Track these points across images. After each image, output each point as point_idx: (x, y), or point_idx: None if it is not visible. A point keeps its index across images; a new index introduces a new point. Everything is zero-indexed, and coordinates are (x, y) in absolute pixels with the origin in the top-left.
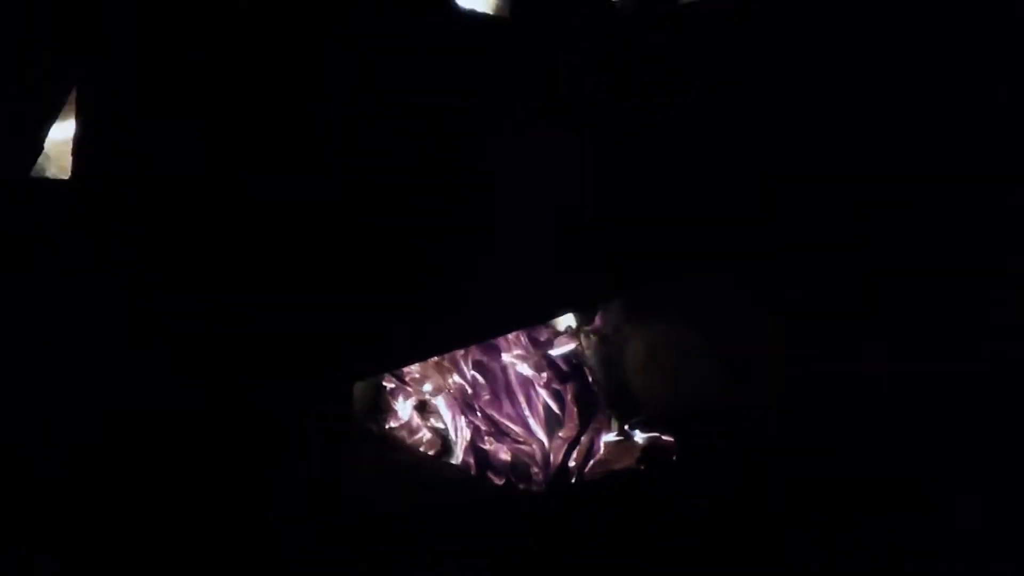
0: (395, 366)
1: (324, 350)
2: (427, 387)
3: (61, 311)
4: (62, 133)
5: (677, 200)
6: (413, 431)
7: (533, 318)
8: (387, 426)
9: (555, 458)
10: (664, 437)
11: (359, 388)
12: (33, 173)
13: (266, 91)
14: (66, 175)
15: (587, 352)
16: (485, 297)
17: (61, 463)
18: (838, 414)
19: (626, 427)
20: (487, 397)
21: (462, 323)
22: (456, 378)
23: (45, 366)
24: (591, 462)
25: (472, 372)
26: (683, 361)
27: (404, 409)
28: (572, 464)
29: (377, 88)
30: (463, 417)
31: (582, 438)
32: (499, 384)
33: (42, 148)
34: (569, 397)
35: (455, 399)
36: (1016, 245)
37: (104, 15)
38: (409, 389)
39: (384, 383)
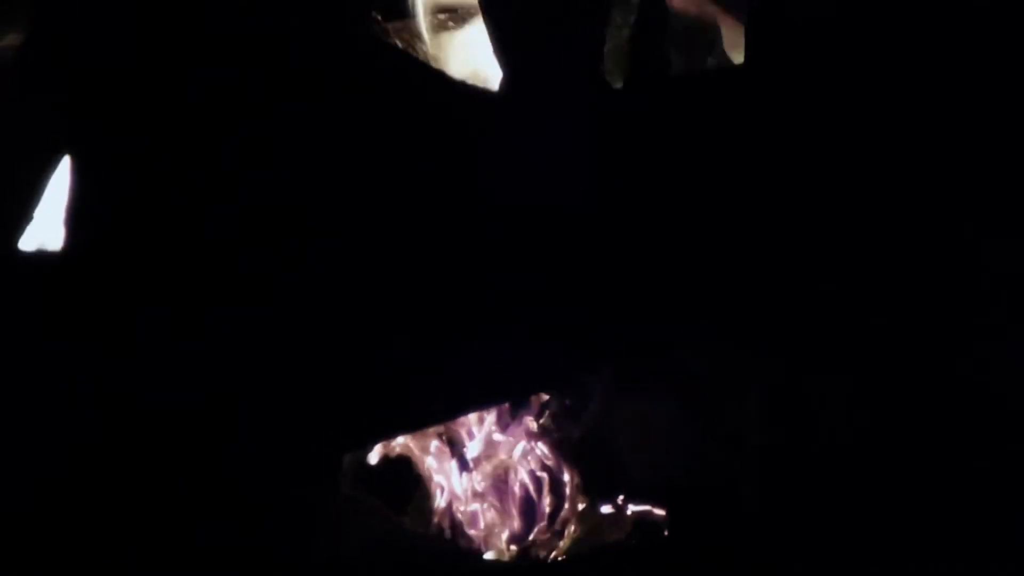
0: (382, 439)
1: (315, 423)
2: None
3: (43, 384)
4: None
5: (662, 275)
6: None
7: (517, 393)
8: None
9: (528, 529)
10: (655, 510)
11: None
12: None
13: (262, 165)
14: None
15: (569, 426)
16: (472, 373)
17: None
18: (823, 482)
19: (618, 500)
20: (466, 468)
21: (448, 397)
22: (435, 445)
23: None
24: (563, 538)
25: (451, 441)
26: (669, 432)
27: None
28: (544, 537)
29: (366, 161)
30: (441, 485)
31: (560, 512)
32: (479, 456)
33: (33, 217)
34: (548, 471)
35: (434, 467)
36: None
37: (100, 90)
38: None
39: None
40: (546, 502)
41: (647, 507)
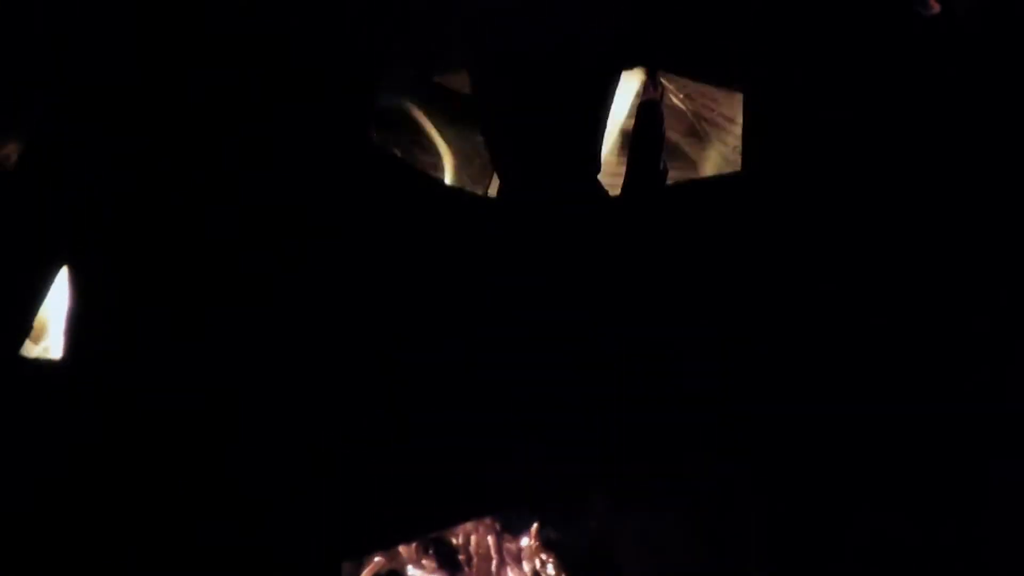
0: (381, 547)
1: (313, 529)
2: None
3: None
4: None
5: (667, 382)
6: None
7: (521, 499)
8: None
9: None
10: None
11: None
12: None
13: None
14: None
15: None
16: (473, 481)
17: None
18: None
19: None
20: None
21: (453, 504)
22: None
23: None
24: None
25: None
26: (670, 547)
27: None
28: None
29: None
30: None
31: None
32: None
33: (31, 327)
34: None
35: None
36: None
37: (97, 201)
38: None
39: None
40: None
41: None
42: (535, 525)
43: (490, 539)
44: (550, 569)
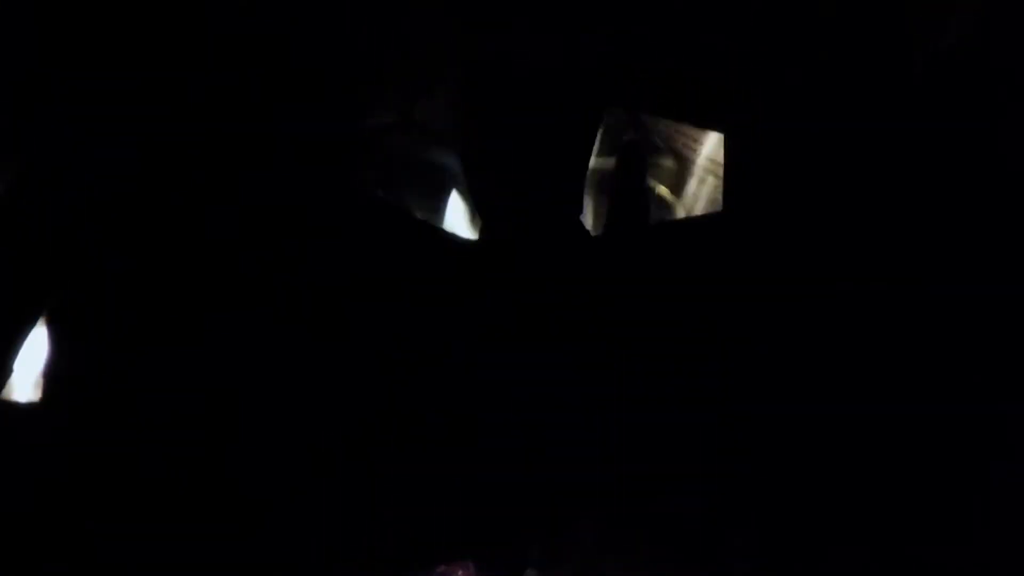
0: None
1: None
2: None
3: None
4: None
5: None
6: None
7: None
8: None
9: None
10: None
11: None
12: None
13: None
14: None
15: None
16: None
17: None
18: None
19: None
20: None
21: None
22: None
23: None
24: None
25: None
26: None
27: None
28: None
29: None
30: None
31: None
32: None
33: (11, 372)
34: None
35: None
36: None
37: (78, 246)
38: None
39: None
40: None
41: None
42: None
43: None
44: None
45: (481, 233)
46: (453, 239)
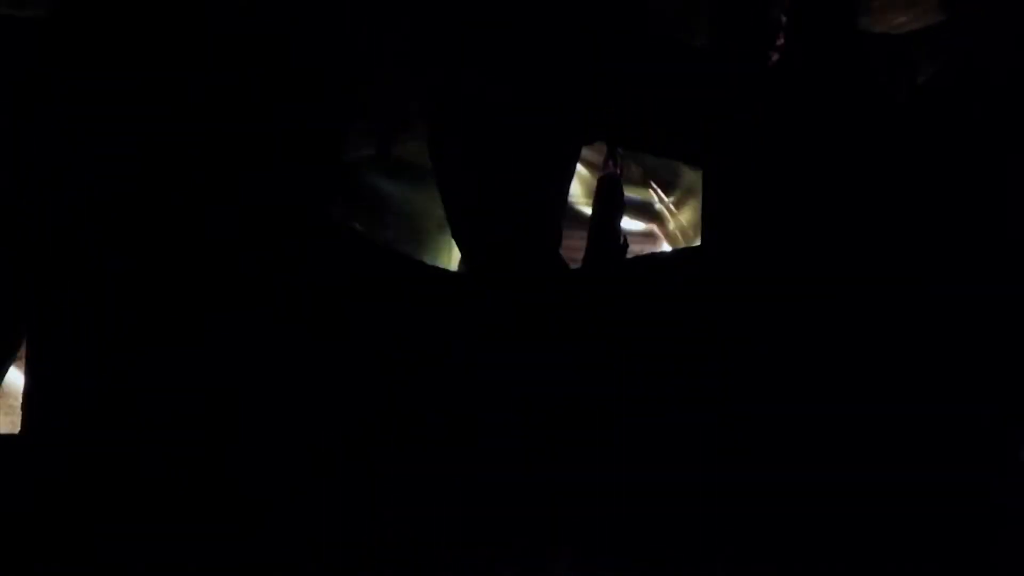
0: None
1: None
2: None
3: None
4: None
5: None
6: None
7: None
8: None
9: None
10: None
11: None
12: None
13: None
14: None
15: None
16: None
17: None
18: None
19: None
20: None
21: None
22: None
23: None
24: None
25: None
26: None
27: None
28: None
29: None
30: None
31: None
32: None
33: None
34: None
35: None
36: None
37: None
38: None
39: None
40: None
41: None
42: None
43: None
44: None
45: (460, 265)
46: (433, 270)
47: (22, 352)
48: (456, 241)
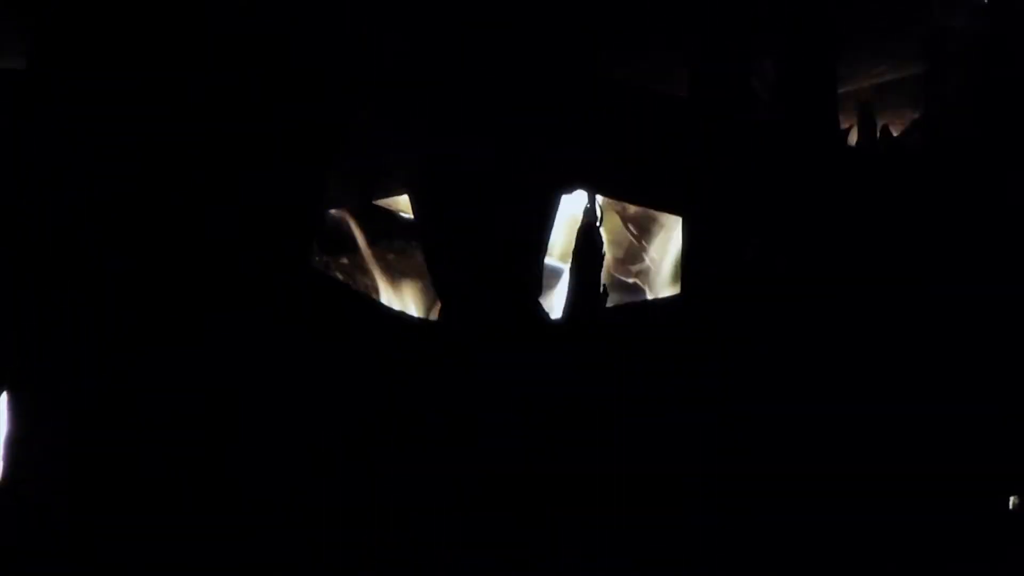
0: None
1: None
2: None
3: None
4: None
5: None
6: None
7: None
8: None
9: None
10: None
11: None
12: None
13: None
14: None
15: None
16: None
17: None
18: None
19: None
20: None
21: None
22: None
23: None
24: None
25: None
26: None
27: None
28: None
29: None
30: None
31: None
32: None
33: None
34: None
35: None
36: None
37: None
38: None
39: None
40: None
41: None
42: None
43: None
44: None
45: (440, 315)
46: (412, 320)
47: None
48: (436, 289)
